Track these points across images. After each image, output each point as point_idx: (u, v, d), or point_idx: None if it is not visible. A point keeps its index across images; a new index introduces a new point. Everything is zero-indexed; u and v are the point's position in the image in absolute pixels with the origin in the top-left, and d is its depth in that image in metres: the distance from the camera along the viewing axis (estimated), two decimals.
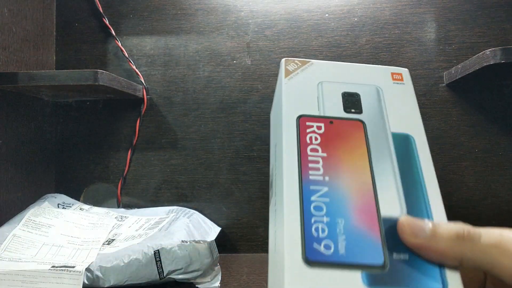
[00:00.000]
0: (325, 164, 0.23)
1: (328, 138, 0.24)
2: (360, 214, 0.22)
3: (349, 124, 0.25)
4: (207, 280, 0.55)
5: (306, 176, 0.23)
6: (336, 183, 0.23)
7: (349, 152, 0.24)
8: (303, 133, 0.24)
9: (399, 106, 0.26)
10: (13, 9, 0.68)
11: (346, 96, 0.26)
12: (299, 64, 0.28)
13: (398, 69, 0.28)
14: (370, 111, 0.26)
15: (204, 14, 0.79)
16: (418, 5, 0.76)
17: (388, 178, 0.23)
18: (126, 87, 0.70)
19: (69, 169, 0.80)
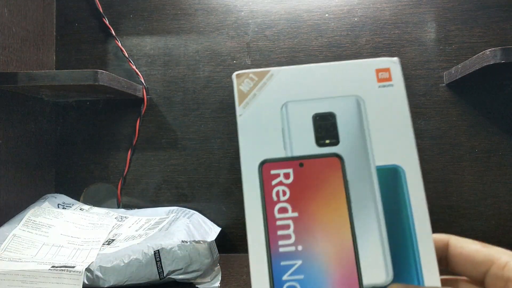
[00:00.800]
0: (297, 228, 0.20)
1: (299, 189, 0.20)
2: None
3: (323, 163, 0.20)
4: (207, 280, 0.55)
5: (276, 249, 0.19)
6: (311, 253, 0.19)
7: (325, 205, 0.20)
8: (267, 186, 0.20)
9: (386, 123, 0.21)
10: (13, 9, 0.68)
11: (318, 120, 0.21)
12: (255, 80, 0.22)
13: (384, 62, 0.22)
14: (349, 139, 0.21)
15: (204, 14, 0.79)
16: (418, 5, 0.76)
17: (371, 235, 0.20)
18: (126, 87, 0.70)
19: (69, 169, 0.80)
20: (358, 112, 0.21)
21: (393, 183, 0.20)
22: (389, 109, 0.21)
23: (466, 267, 0.22)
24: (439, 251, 0.23)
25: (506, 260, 0.21)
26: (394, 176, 0.20)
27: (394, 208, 0.20)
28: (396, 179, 0.20)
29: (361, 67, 0.22)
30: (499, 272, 0.21)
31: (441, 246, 0.23)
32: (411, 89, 0.75)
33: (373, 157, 0.21)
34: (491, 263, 0.21)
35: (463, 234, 0.73)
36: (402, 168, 0.20)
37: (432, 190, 0.74)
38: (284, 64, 0.77)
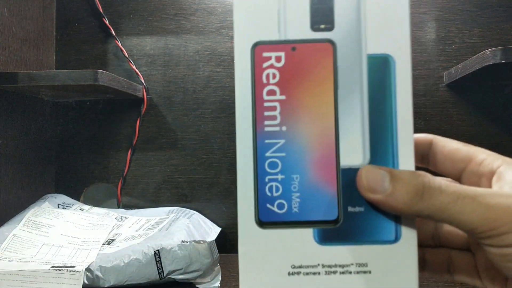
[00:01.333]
0: (283, 110, 0.20)
1: (289, 73, 0.21)
2: (318, 168, 0.20)
3: (316, 48, 0.21)
4: (207, 280, 0.55)
5: (261, 127, 0.21)
6: (294, 133, 0.20)
7: (312, 91, 0.21)
8: (258, 68, 0.21)
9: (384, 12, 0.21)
10: (13, 9, 0.68)
11: (316, 3, 0.21)
12: None
13: None
14: (344, 24, 0.21)
15: (204, 14, 0.79)
16: (418, 5, 0.76)
17: (354, 119, 0.20)
18: (126, 87, 0.70)
19: (69, 169, 0.80)
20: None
21: (383, 71, 0.21)
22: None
23: (446, 166, 0.23)
24: (422, 149, 0.24)
25: (484, 157, 0.21)
26: (384, 65, 0.21)
27: (380, 96, 0.21)
28: (385, 69, 0.21)
29: None
30: (475, 168, 0.21)
31: (425, 144, 0.24)
32: None
33: (365, 44, 0.21)
34: (469, 160, 0.22)
35: None
36: (392, 58, 0.21)
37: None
38: None
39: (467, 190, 0.19)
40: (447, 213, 0.18)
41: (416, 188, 0.19)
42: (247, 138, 0.21)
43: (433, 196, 0.18)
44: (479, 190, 0.19)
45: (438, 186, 0.19)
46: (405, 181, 0.19)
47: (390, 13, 0.21)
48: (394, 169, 0.20)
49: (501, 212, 0.18)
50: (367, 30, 0.21)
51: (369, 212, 0.20)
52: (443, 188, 0.19)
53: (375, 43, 0.21)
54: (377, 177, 0.19)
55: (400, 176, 0.19)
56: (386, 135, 0.20)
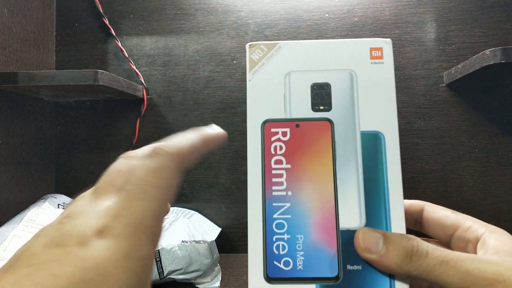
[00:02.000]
0: (289, 177, 0.23)
1: (294, 146, 0.24)
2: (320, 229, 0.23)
3: (316, 126, 0.24)
4: (207, 280, 0.55)
5: (270, 192, 0.23)
6: (298, 198, 0.23)
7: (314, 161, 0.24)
8: (267, 141, 0.24)
9: (373, 95, 0.24)
10: (13, 9, 0.68)
11: (316, 89, 0.25)
12: (265, 51, 0.25)
13: (378, 42, 0.25)
14: (340, 106, 0.24)
15: (204, 14, 0.79)
16: (418, 5, 0.76)
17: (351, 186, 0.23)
18: (126, 87, 0.70)
19: (69, 169, 0.80)
20: (350, 84, 0.25)
21: (374, 146, 0.24)
22: (378, 83, 0.25)
23: (436, 230, 0.25)
24: (414, 215, 0.27)
25: (470, 224, 0.24)
26: (376, 140, 0.24)
27: (373, 167, 0.24)
28: (377, 144, 0.24)
29: (357, 45, 0.25)
30: (462, 234, 0.24)
31: (417, 211, 0.27)
32: (411, 89, 0.75)
33: (359, 123, 0.24)
34: (457, 226, 0.24)
35: None
36: (382, 134, 0.24)
37: (432, 190, 0.74)
38: None
39: (451, 254, 0.21)
40: (433, 274, 0.20)
41: (406, 251, 0.21)
42: (257, 201, 0.23)
43: (421, 258, 0.21)
44: (461, 255, 0.21)
45: (425, 249, 0.21)
46: (396, 244, 0.21)
47: (379, 96, 0.24)
48: (387, 232, 0.22)
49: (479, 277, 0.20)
50: (360, 111, 0.24)
51: (366, 270, 0.22)
52: (430, 251, 0.21)
53: (367, 122, 0.24)
54: (372, 239, 0.22)
55: (392, 239, 0.21)
56: (380, 201, 0.23)
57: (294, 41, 0.25)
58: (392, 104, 0.24)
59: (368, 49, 0.25)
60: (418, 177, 0.74)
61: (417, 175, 0.74)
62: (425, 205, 0.26)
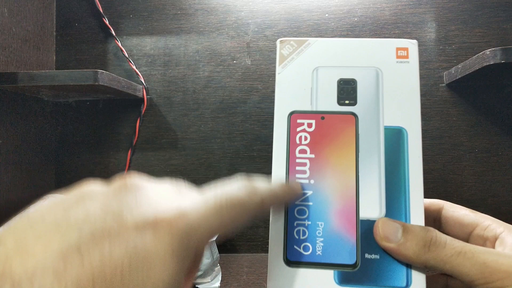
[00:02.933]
0: (312, 167, 0.24)
1: (318, 137, 0.24)
2: (340, 217, 0.23)
3: (341, 119, 0.25)
4: (207, 280, 0.55)
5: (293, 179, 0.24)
6: (320, 186, 0.24)
7: (337, 152, 0.24)
8: (293, 132, 0.25)
9: (398, 92, 0.25)
10: (13, 9, 0.68)
11: (342, 84, 0.25)
12: (295, 46, 0.26)
13: (405, 42, 0.26)
14: (365, 101, 0.25)
15: (204, 14, 0.79)
16: (418, 5, 0.76)
17: (372, 178, 0.24)
18: (126, 87, 0.70)
19: (69, 169, 0.80)
20: (376, 80, 0.25)
21: (397, 141, 0.24)
22: (403, 81, 0.25)
23: (455, 228, 0.26)
24: (434, 213, 0.27)
25: (488, 223, 0.24)
26: (399, 135, 0.24)
27: (395, 161, 0.24)
28: (399, 139, 0.24)
29: (385, 44, 0.26)
30: (481, 232, 0.24)
31: (436, 209, 0.27)
32: None
33: (383, 118, 0.25)
34: (476, 225, 0.25)
35: None
36: (405, 130, 0.24)
37: (432, 190, 0.74)
38: None
39: (468, 246, 0.21)
40: (450, 265, 0.21)
41: (424, 241, 0.21)
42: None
43: (438, 248, 0.21)
44: (479, 248, 0.21)
45: (443, 240, 0.21)
46: (415, 234, 0.22)
47: (403, 94, 0.25)
48: (406, 223, 0.23)
49: (496, 269, 0.20)
50: (384, 106, 0.25)
51: (384, 260, 0.23)
52: (448, 242, 0.21)
53: (391, 118, 0.25)
54: (391, 228, 0.22)
55: (411, 229, 0.22)
56: (400, 194, 0.23)
57: (323, 39, 0.26)
58: (416, 102, 0.25)
59: (395, 48, 0.26)
60: None
61: None
62: (445, 204, 0.27)
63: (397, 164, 0.24)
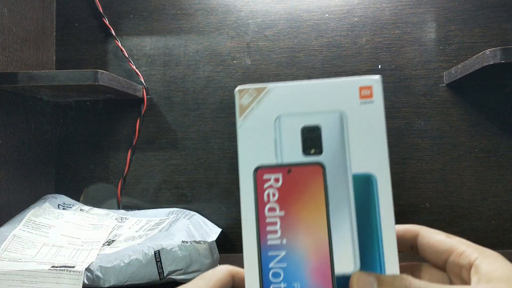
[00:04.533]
0: (283, 225, 0.23)
1: (286, 192, 0.24)
2: (316, 275, 0.23)
3: (308, 170, 0.24)
4: None
5: (265, 241, 0.23)
6: (293, 245, 0.23)
7: (307, 206, 0.23)
8: (260, 189, 0.24)
9: (364, 136, 0.24)
10: (13, 9, 0.68)
11: (306, 132, 0.24)
12: (254, 95, 0.25)
13: (368, 79, 0.25)
14: (331, 149, 0.24)
15: (204, 14, 0.79)
16: (418, 5, 0.76)
17: (344, 231, 0.23)
18: (126, 87, 0.70)
19: (69, 169, 0.80)
20: (340, 126, 0.24)
21: (366, 188, 0.24)
22: (368, 124, 0.24)
23: (431, 255, 0.26)
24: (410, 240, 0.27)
25: (463, 249, 0.24)
26: (367, 183, 0.24)
27: (366, 209, 0.23)
28: (368, 186, 0.24)
29: (347, 84, 0.25)
30: (456, 259, 0.24)
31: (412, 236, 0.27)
32: (411, 89, 0.75)
33: (350, 165, 0.24)
34: (451, 251, 0.24)
35: (463, 234, 0.73)
36: (374, 176, 0.24)
37: (432, 190, 0.74)
38: (285, 64, 0.77)
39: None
40: None
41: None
42: (253, 251, 0.23)
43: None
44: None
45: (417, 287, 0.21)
46: (390, 284, 0.22)
47: (369, 137, 0.24)
48: (380, 275, 0.22)
49: None
50: (351, 153, 0.24)
51: None
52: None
53: (359, 164, 0.24)
54: (366, 283, 0.22)
55: (386, 281, 0.22)
56: (373, 243, 0.23)
57: (282, 84, 0.25)
58: (383, 145, 0.24)
59: (357, 88, 0.24)
60: (418, 177, 0.74)
61: (417, 175, 0.74)
62: (420, 229, 0.27)
63: (368, 213, 0.23)
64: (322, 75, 0.76)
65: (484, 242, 0.24)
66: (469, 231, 0.73)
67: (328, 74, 0.76)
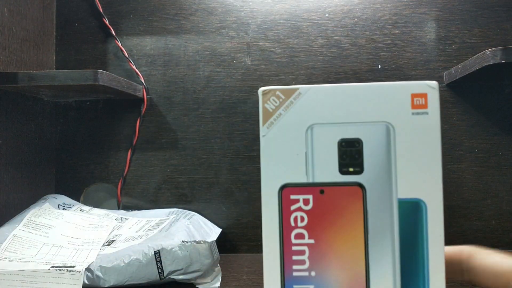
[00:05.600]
0: (312, 255, 0.20)
1: (318, 217, 0.20)
2: None
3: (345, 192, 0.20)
4: (207, 280, 0.55)
5: (289, 272, 0.20)
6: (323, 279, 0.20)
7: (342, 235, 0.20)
8: (286, 211, 0.20)
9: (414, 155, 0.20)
10: (13, 9, 0.68)
11: (344, 146, 0.20)
12: (282, 98, 0.21)
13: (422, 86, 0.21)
14: (374, 168, 0.20)
15: (204, 14, 0.79)
16: (418, 5, 0.76)
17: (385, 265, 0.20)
18: (126, 87, 0.70)
19: (69, 169, 0.80)
20: (386, 140, 0.21)
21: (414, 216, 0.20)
22: (420, 140, 0.20)
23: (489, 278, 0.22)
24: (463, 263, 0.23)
25: None
26: (416, 209, 0.20)
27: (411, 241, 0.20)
28: (417, 215, 0.20)
29: (395, 91, 0.21)
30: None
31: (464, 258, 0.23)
32: None
33: (396, 189, 0.20)
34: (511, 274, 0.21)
35: (463, 234, 0.73)
36: (424, 203, 0.20)
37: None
38: (285, 64, 0.77)
39: None
40: None
41: None
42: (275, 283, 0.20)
43: None
44: None
45: None
46: None
47: (422, 157, 0.20)
48: None
49: None
50: (398, 174, 0.20)
51: None
52: None
53: (406, 188, 0.20)
54: None
55: None
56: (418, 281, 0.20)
57: (318, 86, 0.21)
58: (437, 165, 0.20)
59: (409, 95, 0.21)
60: None
61: None
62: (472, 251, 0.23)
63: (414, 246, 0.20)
64: (322, 75, 0.76)
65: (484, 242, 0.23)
66: (469, 231, 0.73)
67: (328, 74, 0.76)
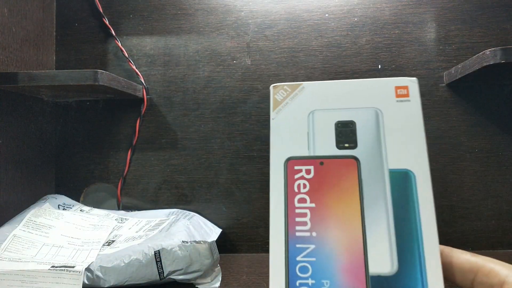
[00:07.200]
0: (313, 217, 0.22)
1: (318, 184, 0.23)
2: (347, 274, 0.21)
3: (341, 163, 0.23)
4: (208, 280, 0.55)
5: (293, 232, 0.22)
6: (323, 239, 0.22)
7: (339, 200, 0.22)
8: (291, 179, 0.23)
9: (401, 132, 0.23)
10: (13, 9, 0.68)
11: (340, 126, 0.24)
12: (288, 91, 0.25)
13: (404, 80, 0.25)
14: (366, 144, 0.23)
15: (204, 14, 0.79)
16: (418, 5, 0.76)
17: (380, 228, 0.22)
18: (126, 87, 0.70)
19: (69, 169, 0.80)
20: (376, 121, 0.24)
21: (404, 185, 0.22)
22: (405, 120, 0.24)
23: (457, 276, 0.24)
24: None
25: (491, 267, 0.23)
26: (405, 179, 0.23)
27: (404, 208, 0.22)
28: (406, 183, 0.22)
29: (382, 83, 0.25)
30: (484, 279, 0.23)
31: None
32: None
33: (386, 161, 0.23)
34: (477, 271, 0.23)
35: (463, 234, 0.73)
36: (412, 173, 0.23)
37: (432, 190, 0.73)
38: (285, 64, 0.77)
39: None
40: None
41: None
42: (280, 242, 0.22)
43: None
44: None
45: None
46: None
47: (407, 133, 0.23)
48: None
49: None
50: (387, 149, 0.23)
51: None
52: None
53: (396, 160, 0.23)
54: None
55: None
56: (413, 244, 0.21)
57: (317, 82, 0.25)
58: (422, 141, 0.23)
59: (393, 87, 0.24)
60: None
61: None
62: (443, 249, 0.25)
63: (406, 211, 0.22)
64: (322, 75, 0.76)
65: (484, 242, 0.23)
66: (469, 231, 0.73)
67: (328, 74, 0.76)
